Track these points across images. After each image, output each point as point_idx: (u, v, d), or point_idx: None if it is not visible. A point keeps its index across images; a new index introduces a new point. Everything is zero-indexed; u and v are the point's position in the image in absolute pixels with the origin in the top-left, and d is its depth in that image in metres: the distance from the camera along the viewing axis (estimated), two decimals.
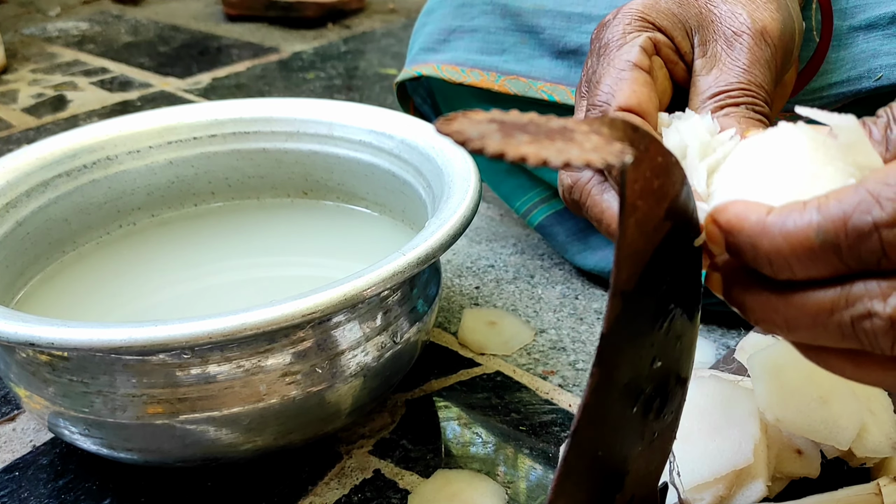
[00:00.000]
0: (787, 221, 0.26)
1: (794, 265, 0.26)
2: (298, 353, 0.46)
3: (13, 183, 0.58)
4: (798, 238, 0.25)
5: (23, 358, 0.47)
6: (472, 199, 0.52)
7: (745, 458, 0.42)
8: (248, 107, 0.68)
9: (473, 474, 0.51)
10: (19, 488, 0.51)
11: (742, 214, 0.28)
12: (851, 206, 0.25)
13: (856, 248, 0.25)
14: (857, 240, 0.25)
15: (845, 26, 0.54)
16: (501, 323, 0.66)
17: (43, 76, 1.31)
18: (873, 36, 0.54)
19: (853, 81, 0.54)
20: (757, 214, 0.27)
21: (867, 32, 0.54)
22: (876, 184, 0.25)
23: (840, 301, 0.26)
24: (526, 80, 0.66)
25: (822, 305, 0.26)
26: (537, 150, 0.21)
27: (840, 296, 0.26)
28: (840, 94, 0.54)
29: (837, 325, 0.26)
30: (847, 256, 0.25)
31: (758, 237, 0.27)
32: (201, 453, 0.48)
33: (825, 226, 0.25)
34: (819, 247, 0.25)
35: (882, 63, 0.53)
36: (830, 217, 0.25)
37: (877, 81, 0.53)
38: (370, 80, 1.28)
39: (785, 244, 0.26)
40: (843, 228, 0.25)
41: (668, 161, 0.27)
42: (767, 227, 0.26)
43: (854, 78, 0.54)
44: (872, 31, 0.54)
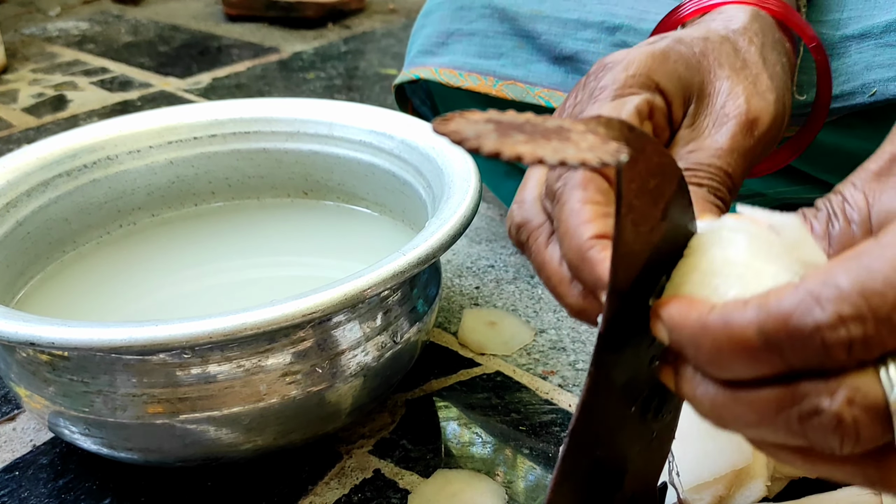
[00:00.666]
0: (727, 320, 0.25)
1: (736, 365, 0.25)
2: (299, 353, 0.47)
3: (13, 183, 0.58)
4: (739, 337, 0.25)
5: (23, 357, 0.47)
6: (472, 199, 0.52)
7: (744, 458, 0.42)
8: (249, 107, 0.68)
9: (473, 474, 0.51)
10: (19, 488, 0.52)
11: (683, 313, 0.27)
12: (792, 306, 0.24)
13: (798, 349, 0.24)
14: (800, 341, 0.24)
15: (838, 35, 0.54)
16: (501, 323, 0.66)
17: (43, 76, 1.31)
18: (866, 45, 0.53)
19: (847, 97, 0.53)
20: (698, 313, 0.26)
21: (860, 42, 0.53)
22: (816, 284, 0.24)
23: (786, 398, 0.25)
24: (523, 85, 0.66)
25: (769, 403, 0.25)
26: (533, 149, 0.21)
27: (786, 393, 0.25)
28: (834, 108, 0.54)
29: (785, 423, 0.25)
30: (790, 356, 0.24)
31: (699, 337, 0.26)
32: (201, 453, 0.48)
33: (766, 326, 0.24)
34: (761, 346, 0.24)
35: (876, 77, 0.52)
36: (771, 317, 0.24)
37: (871, 97, 0.52)
38: (370, 80, 1.28)
39: (726, 344, 0.25)
40: (784, 329, 0.24)
41: (664, 161, 0.27)
42: (708, 326, 0.26)
43: (848, 93, 0.53)
44: (865, 40, 0.53)
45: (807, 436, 0.25)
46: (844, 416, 0.24)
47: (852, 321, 0.23)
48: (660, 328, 0.28)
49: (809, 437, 0.25)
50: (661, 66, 0.41)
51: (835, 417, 0.24)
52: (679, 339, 0.27)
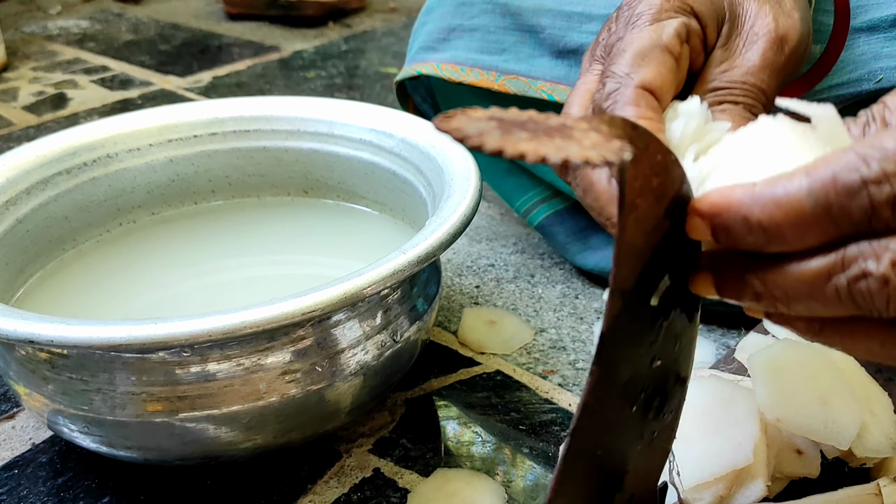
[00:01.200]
0: (776, 189, 0.26)
1: (787, 232, 0.26)
2: (298, 352, 0.46)
3: (13, 180, 0.58)
4: (790, 202, 0.26)
5: (22, 355, 0.47)
6: (472, 197, 0.51)
7: (744, 458, 0.42)
8: (249, 105, 0.68)
9: (473, 473, 0.51)
10: (18, 486, 0.51)
11: (725, 194, 0.27)
12: (840, 166, 0.25)
13: (846, 207, 0.25)
14: (847, 197, 0.25)
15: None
16: (501, 322, 0.66)
17: (43, 74, 1.31)
18: (875, 38, 0.53)
19: (853, 83, 0.54)
20: (741, 190, 0.27)
21: (869, 34, 0.54)
22: (863, 147, 0.25)
23: (836, 265, 0.26)
24: (526, 79, 0.66)
25: (819, 272, 0.26)
26: (536, 146, 0.21)
27: (835, 260, 0.26)
28: (840, 95, 0.54)
29: (834, 289, 0.26)
30: (838, 216, 0.25)
31: (748, 209, 0.27)
32: (201, 451, 0.48)
33: (815, 188, 0.25)
34: (810, 209, 0.25)
35: (883, 65, 0.53)
36: (819, 179, 0.25)
37: (877, 84, 0.53)
38: (371, 78, 1.28)
39: (777, 211, 0.26)
40: (832, 188, 0.25)
41: (667, 159, 0.27)
42: (757, 197, 0.26)
43: (854, 80, 0.54)
44: (874, 33, 0.53)
45: (855, 300, 0.26)
46: (891, 277, 0.25)
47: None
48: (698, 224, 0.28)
49: (857, 302, 0.26)
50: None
51: (882, 279, 0.25)
52: (726, 219, 0.27)
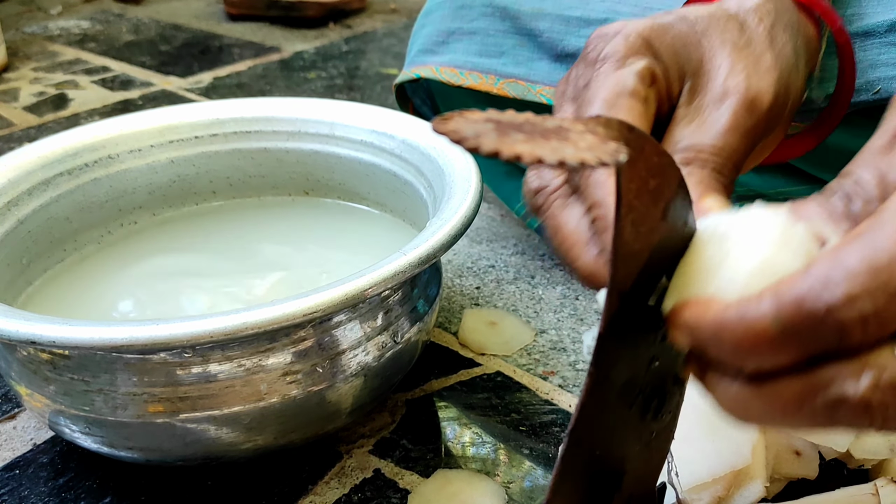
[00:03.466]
0: (745, 313, 0.25)
1: (757, 357, 0.26)
2: (299, 353, 0.47)
3: (15, 181, 0.58)
4: (757, 330, 0.25)
5: (24, 356, 0.47)
6: (473, 199, 0.52)
7: (743, 459, 0.42)
8: (250, 106, 0.68)
9: (473, 474, 0.51)
10: (20, 486, 0.52)
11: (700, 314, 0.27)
12: (803, 291, 0.24)
13: (815, 333, 0.24)
14: (815, 323, 0.24)
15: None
16: (502, 323, 0.66)
17: (44, 74, 1.31)
18: (870, 44, 0.53)
19: None
20: (714, 312, 0.27)
21: (864, 40, 0.53)
22: (824, 266, 0.24)
23: (810, 388, 0.25)
24: (525, 83, 0.66)
25: (793, 395, 0.26)
26: (532, 148, 0.21)
27: (810, 383, 0.25)
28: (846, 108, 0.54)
29: (811, 413, 0.25)
30: (808, 341, 0.25)
31: (719, 334, 0.26)
32: (202, 452, 0.48)
33: (782, 313, 0.25)
34: (779, 335, 0.25)
35: (880, 75, 0.52)
36: (785, 304, 0.25)
37: (875, 95, 0.52)
38: (371, 79, 1.28)
39: (745, 337, 0.25)
40: (797, 314, 0.24)
41: (663, 161, 0.27)
42: (726, 322, 0.26)
43: None
44: (869, 38, 0.53)
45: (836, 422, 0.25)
46: (871, 400, 0.24)
47: (862, 298, 0.24)
48: (678, 334, 0.28)
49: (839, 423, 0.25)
50: (659, 38, 0.41)
51: (861, 402, 0.24)
52: (700, 339, 0.27)
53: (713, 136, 0.39)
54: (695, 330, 0.27)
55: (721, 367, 0.28)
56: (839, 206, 0.31)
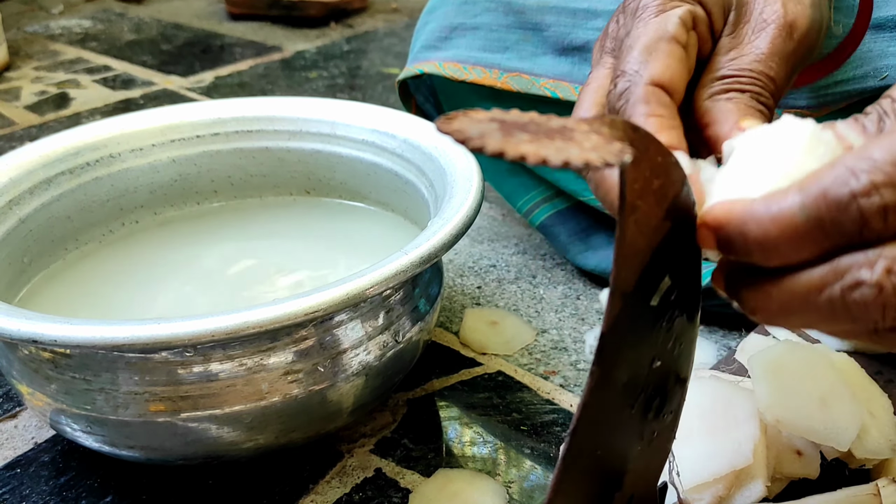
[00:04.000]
0: (771, 205, 0.27)
1: (782, 247, 0.27)
2: (301, 352, 0.47)
3: (16, 180, 0.58)
4: (784, 219, 0.26)
5: (25, 355, 0.47)
6: (474, 198, 0.52)
7: (744, 459, 0.42)
8: (252, 105, 0.68)
9: (474, 474, 0.52)
10: (21, 485, 0.52)
11: (726, 209, 0.28)
12: (829, 180, 0.26)
13: (838, 220, 0.26)
14: (838, 211, 0.25)
15: (852, 24, 0.54)
16: (503, 323, 0.66)
17: (46, 74, 1.31)
18: (881, 37, 0.53)
19: (858, 80, 0.54)
20: (740, 206, 0.28)
21: (875, 32, 0.54)
22: (851, 158, 0.26)
23: (829, 276, 0.26)
24: (529, 77, 0.66)
25: (812, 283, 0.27)
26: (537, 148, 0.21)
27: (828, 271, 0.26)
28: (845, 91, 0.54)
29: (828, 300, 0.26)
30: (830, 230, 0.26)
31: (746, 225, 0.27)
32: (203, 451, 0.48)
33: (807, 203, 0.26)
34: (804, 224, 0.26)
35: (889, 63, 0.53)
36: (811, 194, 0.26)
37: (882, 81, 0.53)
38: (373, 79, 1.28)
39: (772, 227, 0.27)
40: (823, 202, 0.26)
41: (667, 161, 0.27)
42: (754, 214, 0.27)
43: (860, 76, 0.54)
44: (881, 31, 0.53)
45: (850, 310, 0.26)
46: (885, 284, 0.25)
47: (885, 187, 0.25)
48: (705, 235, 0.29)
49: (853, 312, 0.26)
50: None
51: (875, 287, 0.26)
52: (727, 233, 0.28)
53: (752, 61, 0.40)
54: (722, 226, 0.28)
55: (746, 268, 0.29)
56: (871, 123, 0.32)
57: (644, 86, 0.38)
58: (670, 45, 0.40)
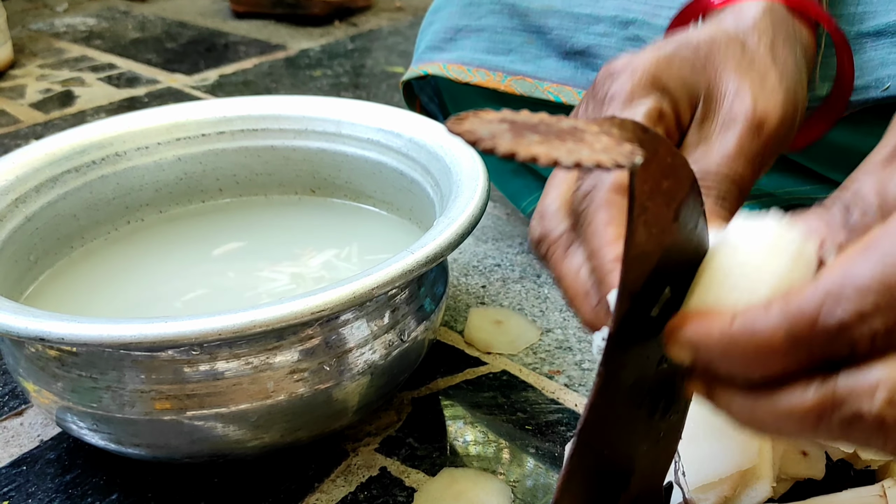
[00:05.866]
0: (753, 328, 0.26)
1: (768, 368, 0.26)
2: (306, 351, 0.47)
3: (22, 178, 0.59)
4: (769, 343, 0.25)
5: (32, 353, 0.47)
6: (480, 198, 0.52)
7: (750, 459, 0.42)
8: (257, 104, 0.69)
9: (479, 473, 0.52)
10: (27, 482, 0.52)
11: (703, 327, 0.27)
12: (816, 305, 0.25)
13: (828, 347, 0.25)
14: (826, 339, 0.25)
15: (853, 31, 0.54)
16: (508, 322, 0.66)
17: (50, 71, 1.31)
18: (881, 44, 0.53)
19: (860, 91, 0.53)
20: (720, 326, 0.27)
21: (875, 39, 0.53)
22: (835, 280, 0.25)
23: (826, 403, 0.25)
24: (532, 80, 0.66)
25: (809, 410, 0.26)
26: (548, 150, 0.21)
27: (825, 398, 0.25)
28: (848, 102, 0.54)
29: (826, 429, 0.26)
30: (819, 354, 0.25)
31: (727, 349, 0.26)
32: (209, 449, 0.48)
33: (793, 328, 0.25)
34: (791, 349, 0.25)
35: (890, 73, 0.52)
36: (796, 319, 0.25)
37: (884, 91, 0.52)
38: (377, 77, 1.28)
39: (757, 351, 0.26)
40: (810, 329, 0.25)
41: (677, 163, 0.27)
42: (736, 337, 0.26)
43: (861, 87, 0.53)
44: (881, 38, 0.53)
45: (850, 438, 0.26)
46: (886, 416, 0.24)
47: (873, 316, 0.24)
48: (678, 350, 0.28)
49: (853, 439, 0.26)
50: (666, 71, 0.41)
51: (877, 419, 0.25)
52: (707, 355, 0.27)
53: (718, 162, 0.40)
54: (702, 346, 0.27)
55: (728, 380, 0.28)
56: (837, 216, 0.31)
57: (608, 190, 0.36)
58: None
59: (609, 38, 0.62)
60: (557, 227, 0.38)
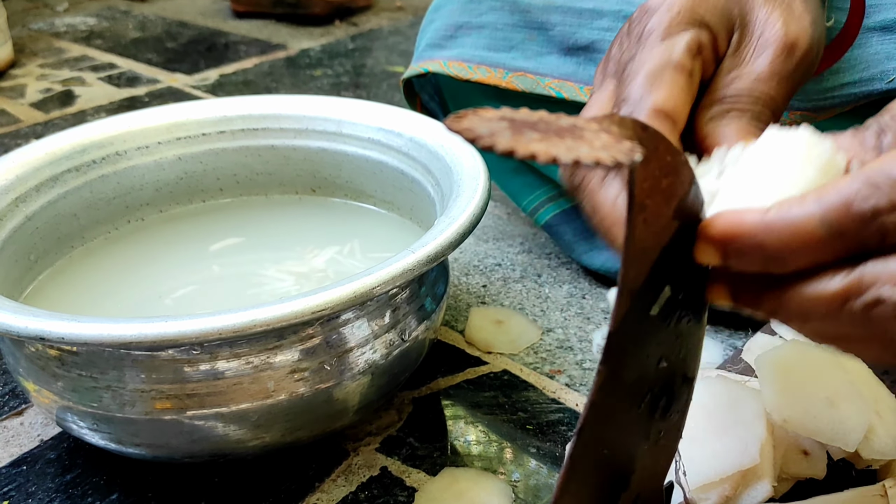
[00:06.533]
0: (789, 216, 0.27)
1: (802, 257, 0.27)
2: (307, 350, 0.47)
3: (23, 178, 0.59)
4: (803, 229, 0.26)
5: (32, 352, 0.47)
6: (481, 197, 0.52)
7: (751, 459, 0.42)
8: (257, 104, 0.68)
9: (480, 473, 0.52)
10: (27, 482, 0.52)
11: (736, 220, 0.28)
12: (850, 194, 0.26)
13: (859, 233, 0.26)
14: (860, 224, 0.26)
15: (845, 22, 0.54)
16: (508, 322, 0.66)
17: (51, 71, 1.31)
18: (888, 38, 0.53)
19: (865, 83, 0.54)
20: (753, 216, 0.28)
21: (882, 34, 0.53)
22: (872, 173, 0.26)
23: (851, 289, 0.26)
24: (534, 76, 0.66)
25: (835, 295, 0.27)
26: (547, 147, 0.21)
27: (851, 283, 0.26)
28: (851, 94, 0.54)
29: (849, 314, 0.27)
30: (851, 242, 0.26)
31: (762, 236, 0.27)
32: (209, 449, 0.48)
33: (828, 215, 0.26)
34: (825, 236, 0.26)
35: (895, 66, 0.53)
36: (832, 206, 0.26)
37: (889, 84, 0.53)
38: (377, 77, 1.28)
39: (792, 238, 0.27)
40: (845, 215, 0.26)
41: (676, 160, 0.27)
42: (771, 225, 0.27)
43: (866, 79, 0.53)
44: (888, 33, 0.53)
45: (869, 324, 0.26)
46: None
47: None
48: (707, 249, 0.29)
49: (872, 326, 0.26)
50: (703, 3, 0.42)
51: None
52: (740, 246, 0.28)
53: (752, 81, 0.40)
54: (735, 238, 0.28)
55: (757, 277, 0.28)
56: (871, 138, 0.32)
57: (647, 113, 0.37)
58: (675, 73, 0.39)
59: (613, 33, 0.62)
60: None
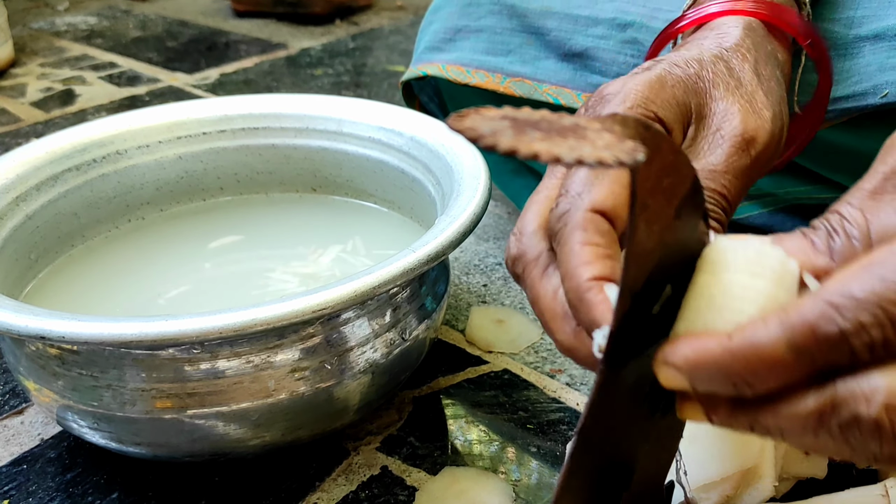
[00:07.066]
0: (754, 340, 0.26)
1: (771, 380, 0.26)
2: (307, 349, 0.47)
3: (23, 176, 0.59)
4: (772, 355, 0.25)
5: (32, 351, 0.47)
6: (482, 196, 0.52)
7: (752, 458, 0.42)
8: (258, 103, 0.68)
9: (481, 472, 0.51)
10: (27, 481, 0.52)
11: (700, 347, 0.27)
12: (814, 317, 0.25)
13: (828, 355, 0.25)
14: (828, 347, 0.25)
15: (851, 35, 0.54)
16: (509, 321, 0.66)
17: (51, 70, 1.31)
18: (880, 47, 0.53)
19: (858, 97, 0.53)
20: (715, 343, 0.27)
21: (874, 43, 0.53)
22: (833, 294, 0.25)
23: (825, 408, 0.26)
24: (531, 82, 0.66)
25: (809, 414, 0.26)
26: (549, 146, 0.21)
27: (825, 403, 0.26)
28: (845, 109, 0.54)
29: (827, 433, 0.26)
30: (821, 362, 0.25)
31: (728, 362, 0.26)
32: (209, 448, 0.48)
33: (794, 339, 0.25)
34: (793, 360, 0.25)
35: (888, 79, 0.52)
36: (798, 331, 0.25)
37: (882, 98, 0.52)
38: (378, 76, 1.28)
39: (760, 363, 0.26)
40: (812, 339, 0.25)
41: (678, 160, 0.27)
42: (736, 352, 0.26)
43: (860, 94, 0.53)
44: (879, 42, 0.53)
45: (848, 442, 0.26)
46: (883, 420, 0.25)
47: (872, 327, 0.25)
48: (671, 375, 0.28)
49: (851, 444, 0.26)
50: (658, 95, 0.41)
51: (875, 423, 0.25)
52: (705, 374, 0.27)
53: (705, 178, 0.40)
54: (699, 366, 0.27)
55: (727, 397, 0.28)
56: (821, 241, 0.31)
57: (584, 211, 0.35)
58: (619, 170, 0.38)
59: (607, 41, 0.62)
60: (534, 247, 0.37)
